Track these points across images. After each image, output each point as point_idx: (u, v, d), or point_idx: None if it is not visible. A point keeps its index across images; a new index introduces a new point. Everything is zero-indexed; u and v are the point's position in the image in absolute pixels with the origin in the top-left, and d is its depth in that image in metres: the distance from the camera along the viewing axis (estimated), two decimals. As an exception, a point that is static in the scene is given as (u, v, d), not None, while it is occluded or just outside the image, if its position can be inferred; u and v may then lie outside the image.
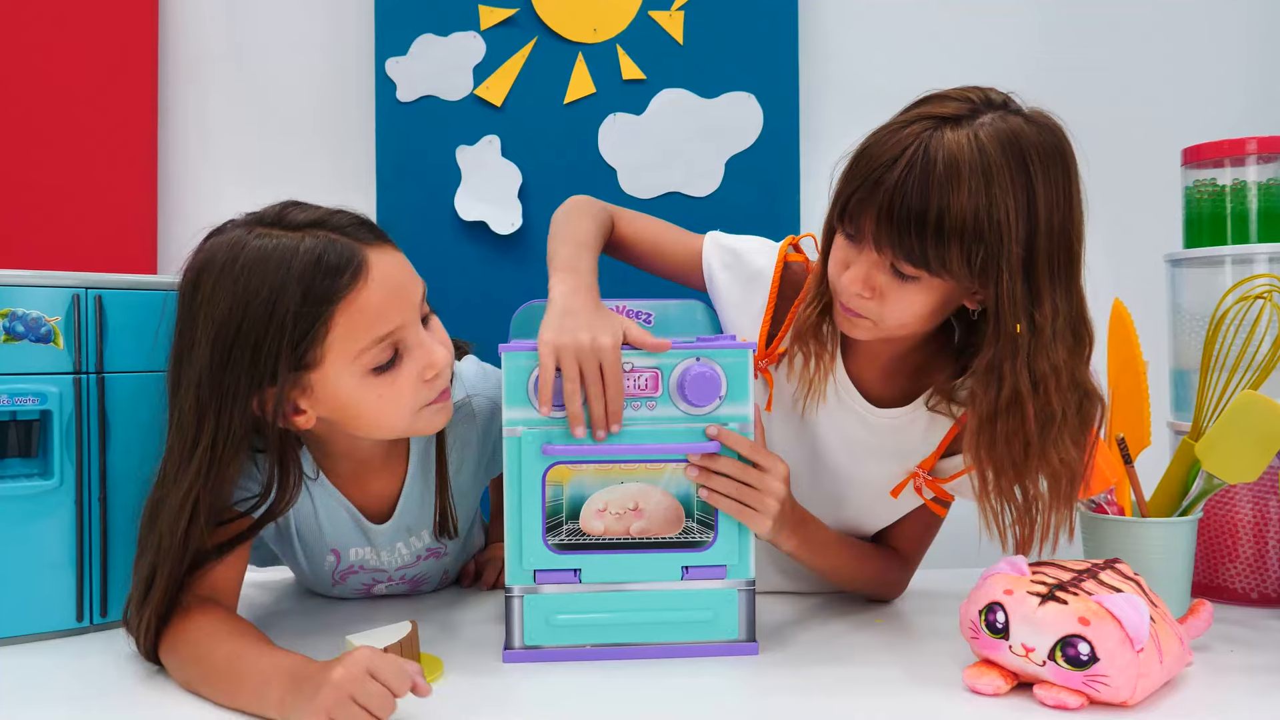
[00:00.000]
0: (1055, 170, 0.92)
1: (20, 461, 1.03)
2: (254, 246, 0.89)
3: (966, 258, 0.89)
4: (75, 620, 1.04)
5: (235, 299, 0.87)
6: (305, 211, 0.93)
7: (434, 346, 0.95)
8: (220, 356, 0.88)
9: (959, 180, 0.88)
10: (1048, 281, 0.91)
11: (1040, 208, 0.90)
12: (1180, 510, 1.11)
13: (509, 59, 1.70)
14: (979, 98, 0.93)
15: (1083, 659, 0.81)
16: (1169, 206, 1.35)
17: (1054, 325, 0.92)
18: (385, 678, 0.77)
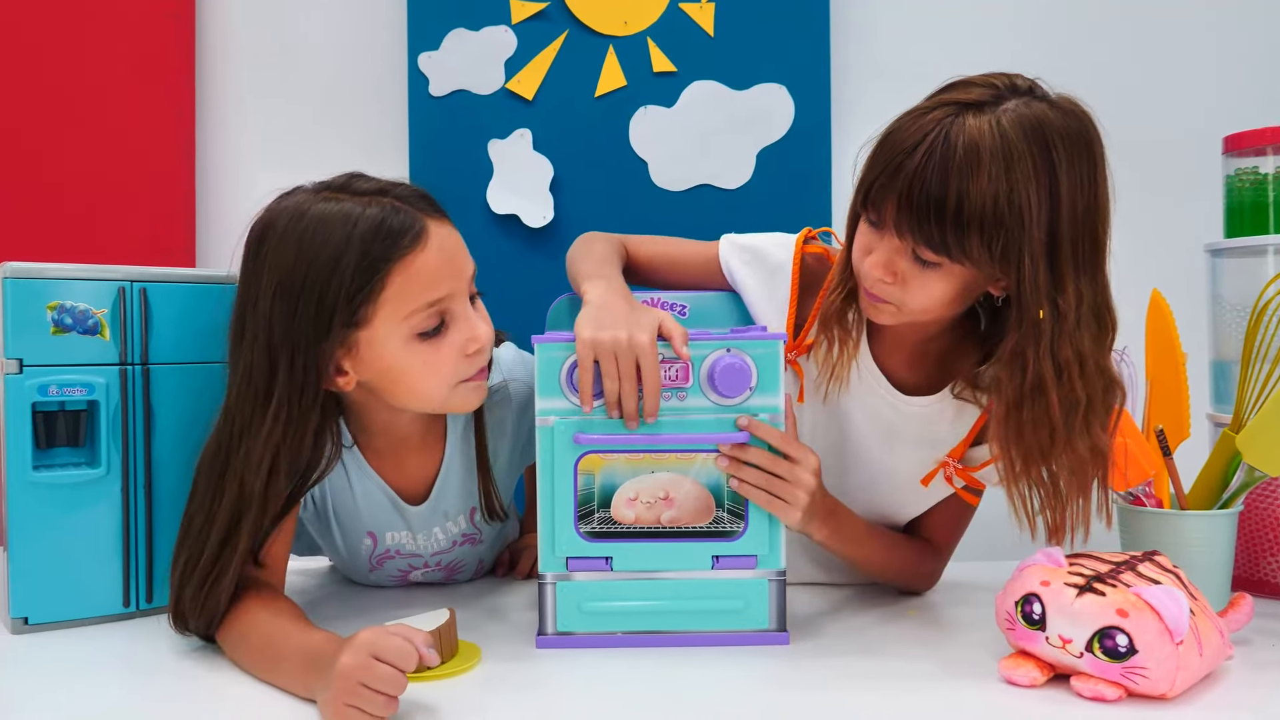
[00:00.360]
0: (1080, 156, 0.91)
1: (68, 450, 1.05)
2: (320, 208, 0.93)
3: (987, 244, 0.89)
4: (122, 605, 1.06)
5: (300, 253, 0.91)
6: (370, 181, 0.97)
7: (478, 322, 0.98)
8: (286, 307, 0.91)
9: (979, 166, 0.87)
10: (1071, 268, 0.91)
11: (1063, 194, 0.89)
12: (1220, 503, 1.10)
13: (540, 52, 1.71)
14: (1004, 83, 0.92)
15: (1121, 651, 0.80)
16: (1210, 195, 1.34)
17: (1078, 312, 0.92)
18: (390, 657, 0.78)
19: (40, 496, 1.02)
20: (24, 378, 1.01)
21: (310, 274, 0.91)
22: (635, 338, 0.93)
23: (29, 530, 1.02)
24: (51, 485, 1.03)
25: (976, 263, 0.91)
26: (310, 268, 0.91)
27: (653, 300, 1.06)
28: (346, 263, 0.91)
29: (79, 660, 0.95)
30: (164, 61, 1.71)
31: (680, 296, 1.08)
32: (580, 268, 1.08)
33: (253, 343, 0.93)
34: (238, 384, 0.95)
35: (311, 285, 0.91)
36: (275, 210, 0.95)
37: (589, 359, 0.93)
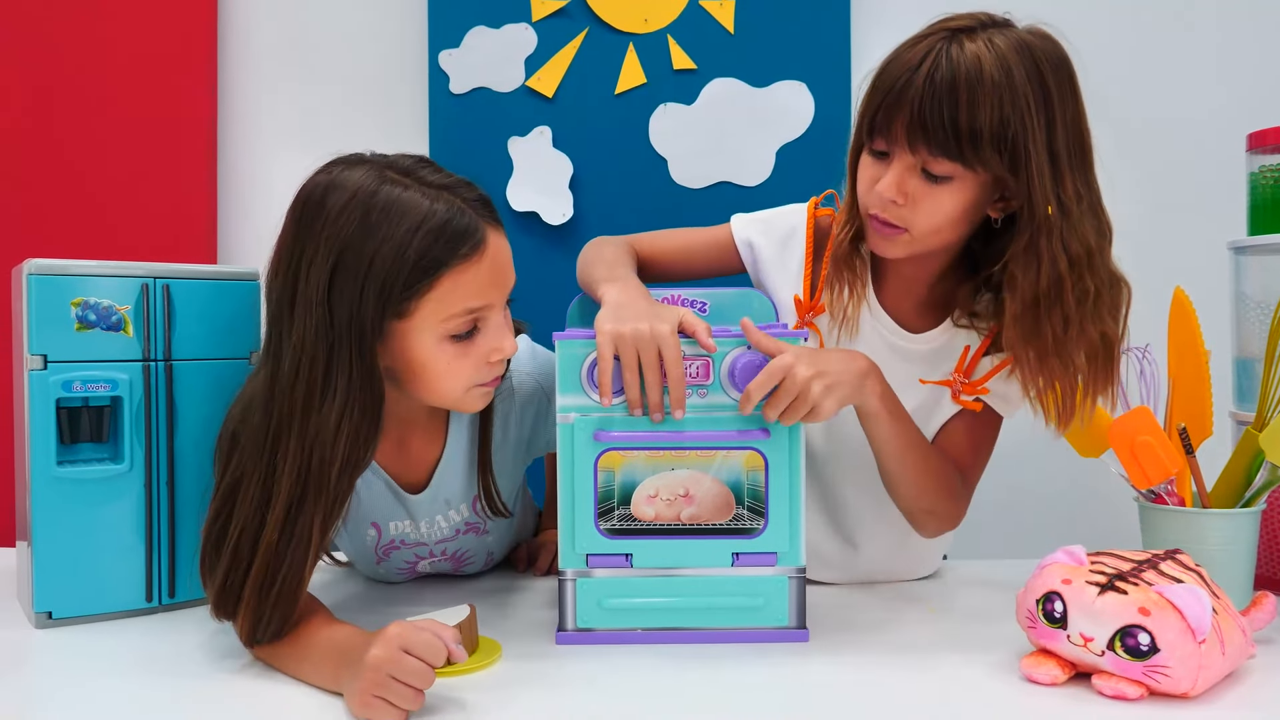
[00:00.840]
0: (1061, 72, 0.99)
1: (92, 446, 1.06)
2: (389, 191, 0.91)
3: (997, 147, 0.95)
4: (145, 600, 1.07)
5: (366, 233, 0.89)
6: (438, 173, 0.95)
7: (506, 334, 0.98)
8: (349, 285, 0.89)
9: (982, 75, 0.95)
10: (1068, 168, 0.99)
11: (1055, 102, 0.97)
12: (1243, 501, 1.09)
13: (560, 50, 1.71)
14: (984, 16, 1.01)
15: (1143, 649, 0.80)
16: (1233, 192, 1.33)
17: (1079, 207, 1.00)
18: (420, 651, 0.79)
19: (64, 492, 1.03)
20: (48, 374, 1.02)
21: (376, 257, 0.89)
22: (657, 329, 0.94)
23: (53, 525, 1.03)
24: (75, 481, 1.04)
25: (988, 165, 0.97)
26: (377, 250, 0.89)
27: (672, 297, 1.06)
28: (408, 256, 0.89)
29: (102, 655, 0.96)
30: (186, 59, 1.72)
31: (700, 293, 1.08)
32: (593, 273, 1.08)
33: (306, 313, 0.90)
34: (292, 358, 0.90)
35: (376, 269, 0.89)
36: (335, 179, 0.93)
37: (609, 353, 0.94)
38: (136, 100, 1.71)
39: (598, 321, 0.96)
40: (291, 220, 0.93)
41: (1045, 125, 0.97)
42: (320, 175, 0.94)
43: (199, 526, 1.06)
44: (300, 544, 0.88)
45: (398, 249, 0.89)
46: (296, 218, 0.93)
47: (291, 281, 0.91)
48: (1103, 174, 1.03)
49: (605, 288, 1.03)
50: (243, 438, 0.94)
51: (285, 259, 0.93)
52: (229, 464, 0.94)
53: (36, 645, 0.99)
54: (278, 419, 0.90)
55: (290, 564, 0.88)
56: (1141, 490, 1.08)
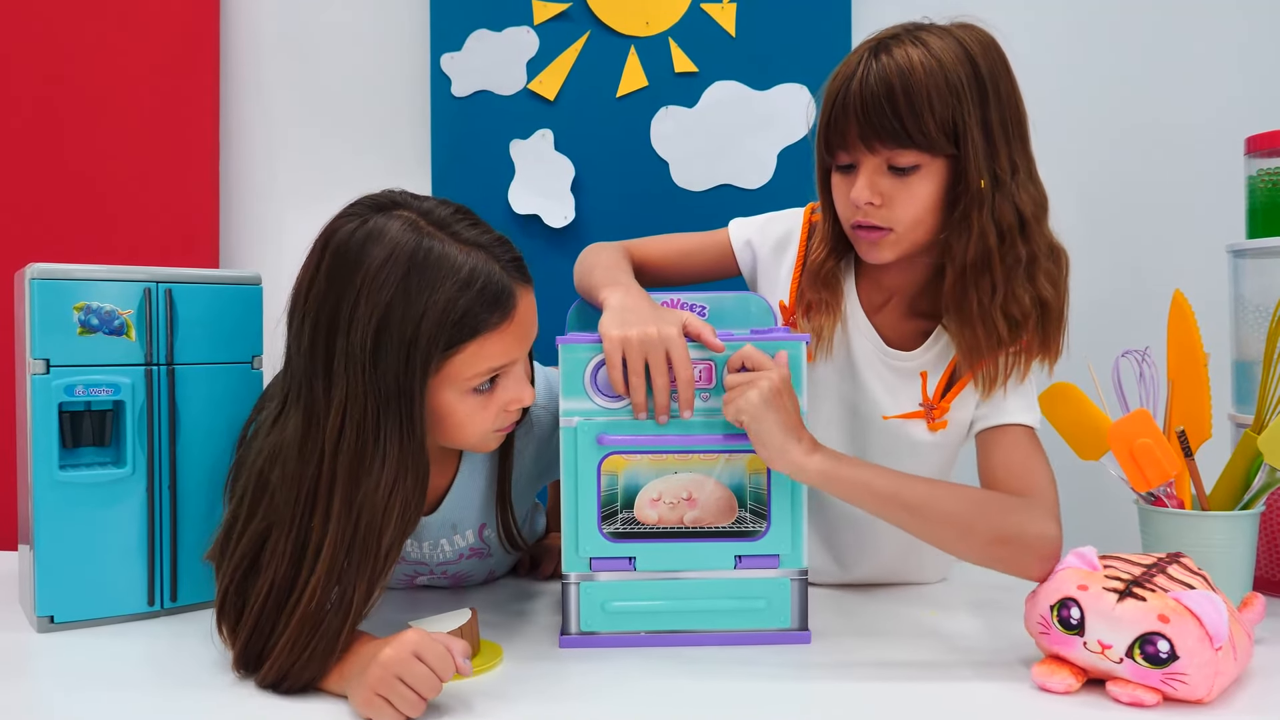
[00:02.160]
0: (991, 52, 1.03)
1: (94, 450, 1.06)
2: (428, 246, 0.89)
3: (938, 122, 0.99)
4: (147, 604, 1.07)
5: (410, 294, 0.88)
6: (473, 228, 0.93)
7: (525, 386, 0.97)
8: (396, 350, 0.87)
9: (913, 65, 0.99)
10: (1003, 140, 1.02)
11: (985, 79, 1.01)
12: (1242, 504, 1.09)
13: (562, 53, 1.71)
14: (909, 24, 1.05)
15: (1162, 657, 0.80)
16: (1231, 196, 1.33)
17: (1014, 179, 1.02)
18: (430, 660, 0.80)
19: (66, 496, 1.03)
20: (51, 378, 1.02)
21: (422, 319, 0.88)
22: (664, 331, 0.94)
23: (54, 529, 1.03)
24: (77, 485, 1.04)
25: (934, 143, 1.00)
26: (423, 312, 0.88)
27: (673, 301, 1.06)
28: (448, 319, 0.88)
29: (104, 659, 0.96)
30: (188, 63, 1.72)
31: (700, 297, 1.08)
32: (592, 279, 1.08)
33: (350, 372, 0.87)
34: (335, 418, 0.88)
35: (422, 331, 0.88)
36: (376, 229, 0.90)
37: (618, 357, 0.94)
38: (139, 104, 1.71)
39: (602, 326, 0.96)
40: (326, 267, 0.90)
41: (978, 102, 1.00)
42: (352, 222, 0.91)
43: (200, 531, 1.07)
44: (340, 611, 0.86)
45: (441, 313, 0.88)
46: (332, 266, 0.90)
47: (328, 334, 0.89)
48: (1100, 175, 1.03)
49: (607, 292, 1.03)
50: (274, 485, 0.91)
51: (319, 308, 0.89)
52: (255, 507, 0.92)
53: (38, 649, 0.99)
54: (320, 478, 0.88)
55: (328, 629, 0.85)
56: (1141, 493, 1.08)
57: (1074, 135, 0.95)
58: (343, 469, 0.87)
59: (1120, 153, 1.68)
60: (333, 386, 0.88)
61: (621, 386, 0.94)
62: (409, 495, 0.89)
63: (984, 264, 1.03)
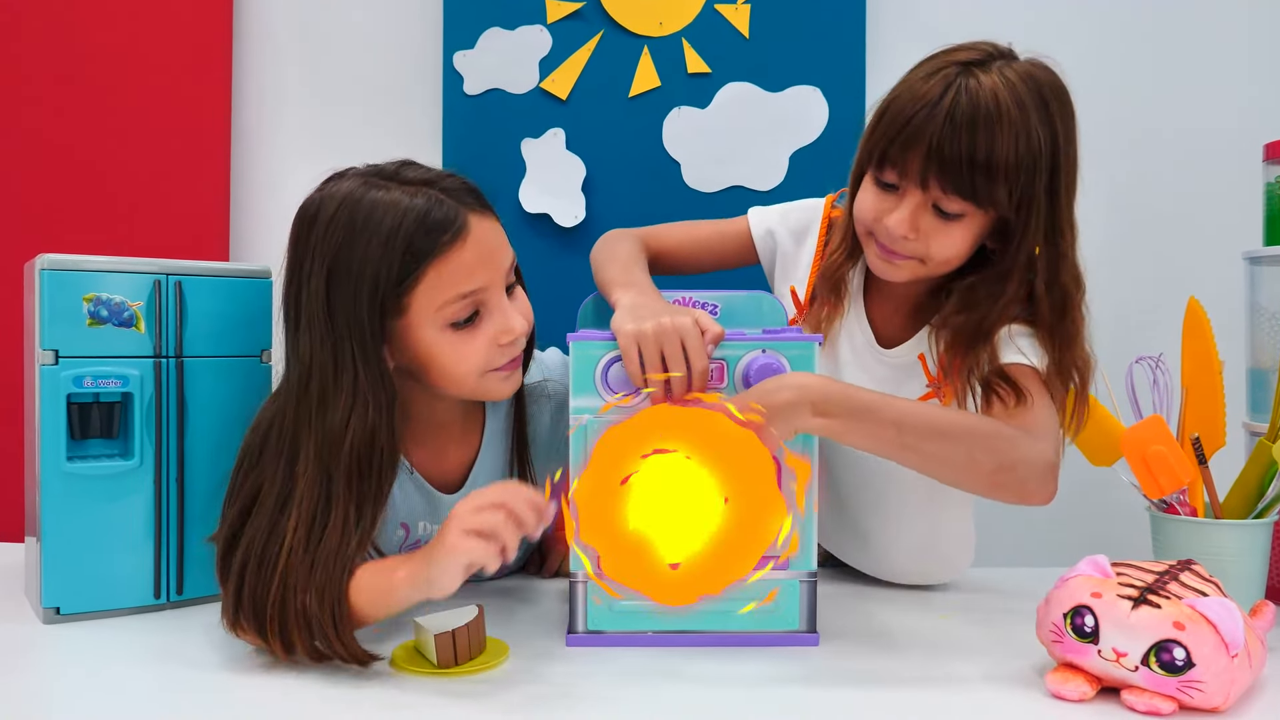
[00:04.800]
0: (1065, 107, 1.00)
1: (102, 442, 1.06)
2: (370, 197, 0.94)
3: (1009, 190, 0.96)
4: (153, 597, 1.07)
5: (350, 240, 0.92)
6: (419, 169, 0.98)
7: (512, 314, 0.99)
8: (343, 292, 0.92)
9: (999, 113, 0.94)
10: (1065, 205, 1.01)
11: (1060, 140, 0.98)
12: (1255, 513, 1.08)
13: (575, 52, 1.71)
14: (989, 46, 1.00)
15: (1178, 664, 0.79)
16: (1249, 203, 1.32)
17: (1062, 246, 1.01)
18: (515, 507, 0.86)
19: (73, 487, 1.03)
20: (59, 369, 1.02)
21: (362, 261, 0.92)
22: (678, 321, 0.93)
23: (61, 521, 1.03)
24: (85, 476, 1.03)
25: (999, 207, 0.97)
26: (364, 254, 0.92)
27: (684, 300, 1.06)
28: (392, 255, 0.92)
29: (109, 651, 0.96)
30: (201, 57, 1.73)
31: (712, 295, 1.08)
32: (606, 274, 1.09)
33: (309, 326, 0.93)
34: (300, 370, 0.94)
35: (366, 271, 0.92)
36: (326, 194, 0.96)
37: (634, 351, 0.93)
38: (152, 99, 1.71)
39: (615, 324, 0.95)
40: (292, 238, 0.97)
41: (1049, 168, 0.98)
42: (314, 193, 0.98)
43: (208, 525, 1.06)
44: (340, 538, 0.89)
45: (383, 248, 0.92)
46: (294, 237, 0.97)
47: (295, 298, 0.95)
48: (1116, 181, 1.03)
49: (619, 293, 1.03)
50: (260, 447, 0.96)
51: (287, 278, 0.97)
52: (247, 473, 0.96)
53: (44, 641, 0.99)
54: (294, 427, 0.93)
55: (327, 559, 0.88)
56: (1153, 500, 1.08)
57: (1090, 141, 0.94)
58: (306, 410, 0.92)
59: (1136, 159, 1.68)
60: (299, 340, 0.94)
61: (640, 380, 0.94)
62: (370, 424, 0.92)
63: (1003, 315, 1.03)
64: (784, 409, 0.91)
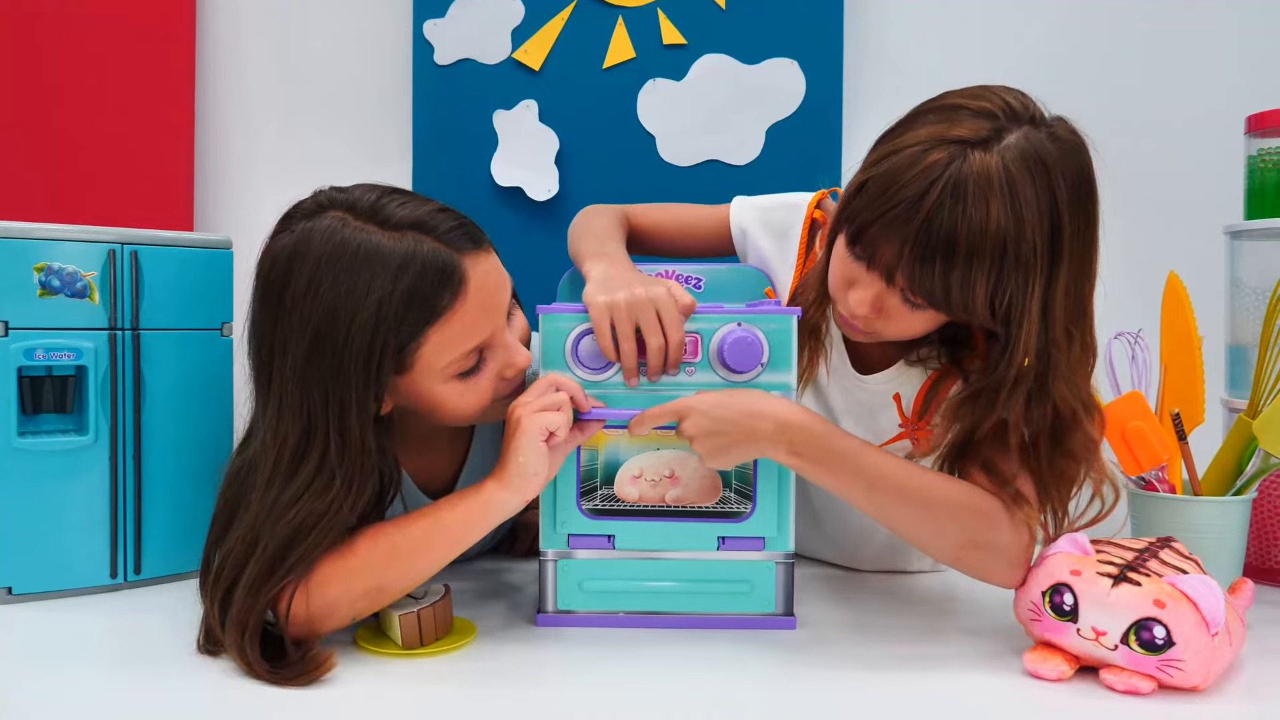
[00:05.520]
0: (1081, 193, 0.86)
1: (55, 417, 1.02)
2: (354, 246, 0.83)
3: (990, 301, 0.85)
4: (109, 577, 1.04)
5: (338, 304, 0.83)
6: (404, 206, 0.87)
7: (515, 350, 0.93)
8: (327, 364, 0.83)
9: (988, 221, 0.82)
10: (1063, 310, 0.86)
11: (1065, 236, 0.85)
12: (1234, 490, 1.08)
13: (548, 22, 1.67)
14: (1000, 110, 0.85)
15: (1158, 643, 0.78)
16: (1230, 176, 1.31)
17: (1069, 352, 0.87)
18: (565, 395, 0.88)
19: (26, 464, 1.00)
20: (9, 341, 0.98)
21: (354, 330, 0.82)
22: (652, 291, 0.91)
23: (14, 498, 0.99)
24: (37, 452, 1.00)
25: (976, 316, 0.87)
26: (353, 324, 0.82)
27: (666, 273, 1.03)
28: (387, 324, 0.83)
29: (64, 632, 0.93)
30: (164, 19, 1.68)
31: (694, 269, 1.05)
32: (581, 247, 1.05)
33: (282, 394, 0.84)
34: (270, 441, 0.85)
35: (355, 344, 0.83)
36: (301, 237, 0.85)
37: (606, 323, 0.90)
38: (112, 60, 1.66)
39: (587, 295, 0.93)
40: (259, 292, 0.87)
41: (1047, 276, 0.85)
42: (283, 237, 0.86)
43: (165, 503, 1.04)
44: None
45: (375, 317, 0.82)
46: (263, 291, 0.86)
47: (265, 362, 0.86)
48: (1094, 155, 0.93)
49: (591, 263, 0.99)
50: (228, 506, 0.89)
51: (256, 339, 0.87)
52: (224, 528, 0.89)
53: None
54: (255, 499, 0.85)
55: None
56: (1132, 477, 1.07)
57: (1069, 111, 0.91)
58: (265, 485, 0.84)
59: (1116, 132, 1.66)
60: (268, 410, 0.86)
61: (612, 353, 0.91)
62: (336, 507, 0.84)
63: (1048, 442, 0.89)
64: (760, 441, 0.88)
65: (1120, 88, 1.67)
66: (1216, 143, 1.47)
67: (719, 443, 0.88)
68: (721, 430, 0.88)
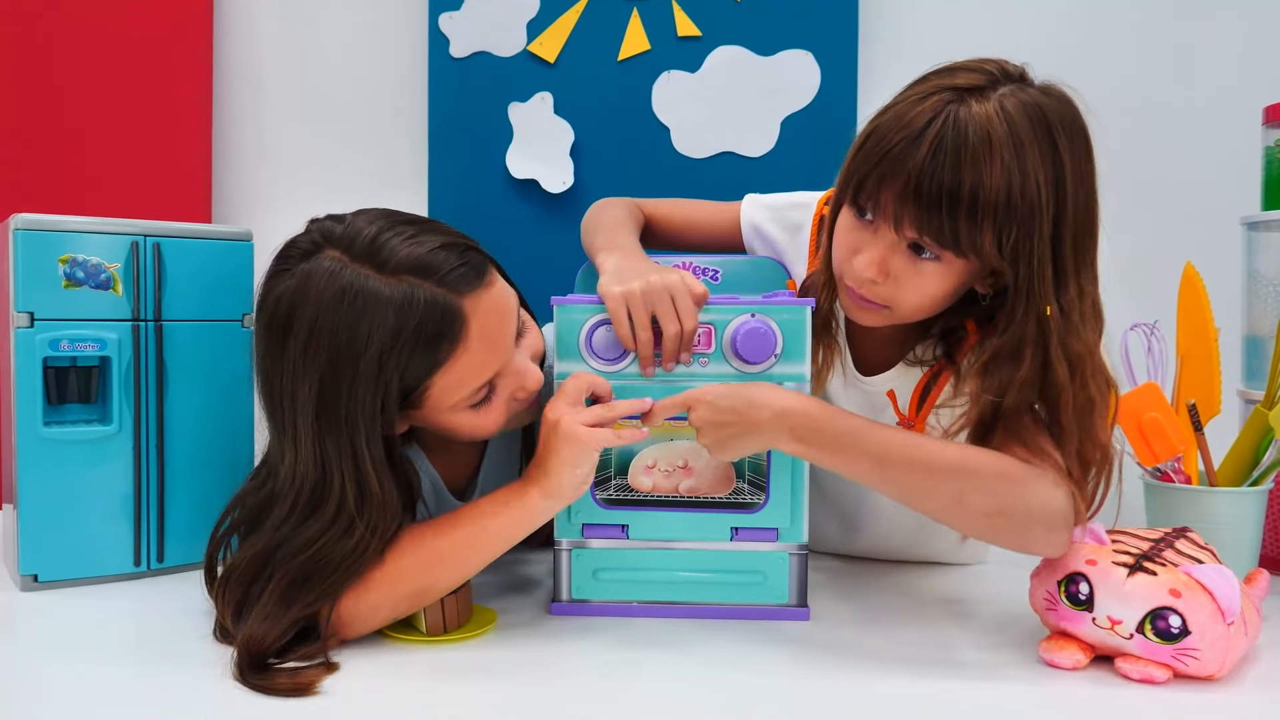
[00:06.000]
0: (1078, 143, 0.86)
1: (80, 407, 1.04)
2: (352, 293, 0.82)
3: (998, 238, 0.84)
4: (133, 565, 1.05)
5: (340, 354, 0.82)
6: (404, 244, 0.84)
7: (526, 374, 0.92)
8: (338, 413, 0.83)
9: (991, 154, 0.82)
10: (1073, 263, 0.86)
11: (1068, 182, 0.85)
12: (1250, 481, 1.07)
13: (563, 14, 1.68)
14: (995, 69, 0.87)
15: (1174, 632, 0.78)
16: (1248, 167, 1.30)
17: (1081, 307, 0.87)
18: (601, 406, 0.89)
19: (51, 453, 1.01)
20: (35, 332, 1.00)
21: (355, 382, 0.82)
22: (666, 279, 0.91)
23: (39, 487, 1.01)
24: (62, 442, 1.01)
25: (984, 257, 0.86)
26: (355, 376, 0.82)
27: (684, 265, 1.04)
28: (389, 373, 0.83)
29: (88, 619, 0.94)
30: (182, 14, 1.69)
31: (712, 261, 1.06)
32: (594, 240, 1.06)
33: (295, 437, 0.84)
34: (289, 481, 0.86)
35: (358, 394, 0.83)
36: (300, 281, 0.84)
37: (623, 312, 0.91)
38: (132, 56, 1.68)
39: (601, 287, 0.93)
40: (261, 334, 0.86)
41: (1054, 213, 0.84)
42: (280, 281, 0.85)
43: (188, 491, 1.05)
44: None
45: (377, 371, 0.82)
46: (266, 336, 0.86)
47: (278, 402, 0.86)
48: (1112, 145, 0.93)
49: (603, 256, 1.00)
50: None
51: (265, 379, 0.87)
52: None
53: (22, 608, 0.97)
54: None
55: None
56: (1147, 468, 1.07)
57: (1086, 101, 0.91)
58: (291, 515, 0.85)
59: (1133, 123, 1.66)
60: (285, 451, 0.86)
61: (630, 342, 0.92)
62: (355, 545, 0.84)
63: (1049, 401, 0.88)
64: (762, 430, 0.87)
65: (1137, 78, 1.67)
66: (1234, 133, 1.46)
67: (723, 434, 0.88)
68: (724, 421, 0.88)
